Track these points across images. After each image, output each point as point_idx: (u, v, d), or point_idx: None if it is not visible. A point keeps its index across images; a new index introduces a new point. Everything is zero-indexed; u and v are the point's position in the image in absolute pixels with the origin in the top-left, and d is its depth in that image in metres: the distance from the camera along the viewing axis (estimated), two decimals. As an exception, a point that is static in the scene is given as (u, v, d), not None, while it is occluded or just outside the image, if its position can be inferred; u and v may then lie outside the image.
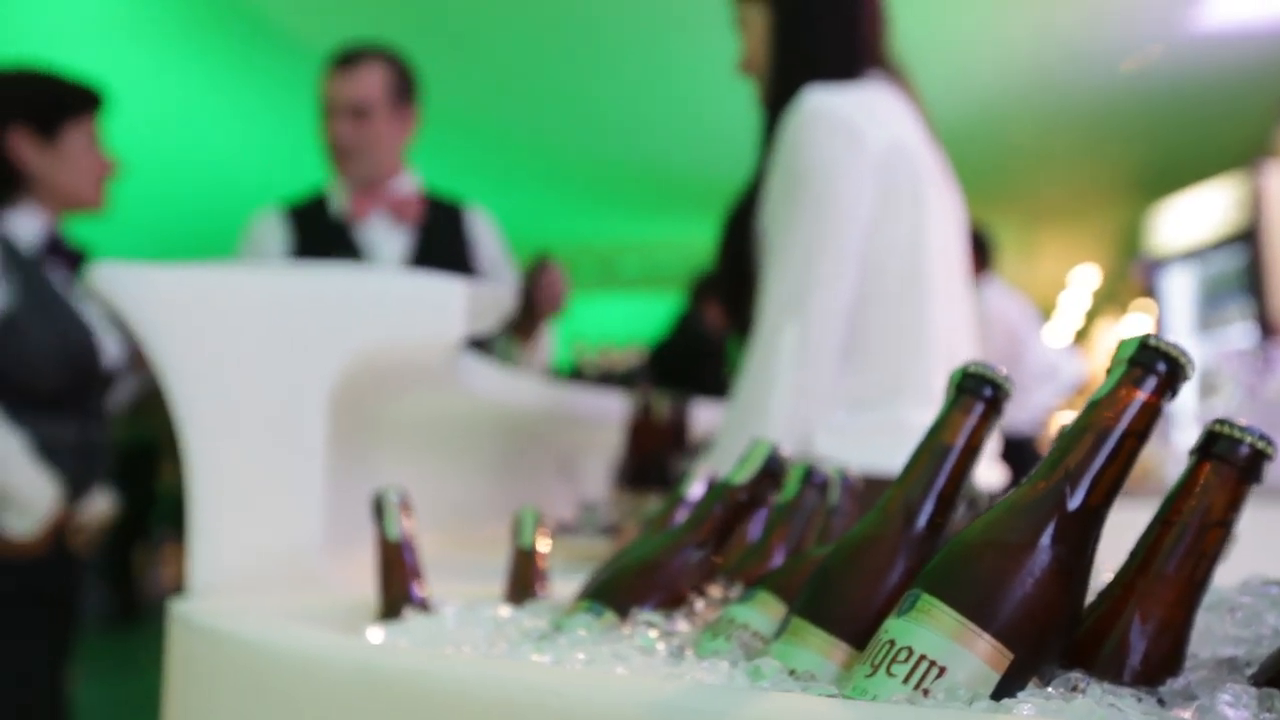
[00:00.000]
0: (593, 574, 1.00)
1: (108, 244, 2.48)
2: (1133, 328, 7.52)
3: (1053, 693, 0.60)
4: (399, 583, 1.02)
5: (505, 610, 0.95)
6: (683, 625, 0.84)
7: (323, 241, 2.52)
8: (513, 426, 2.10)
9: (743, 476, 0.94)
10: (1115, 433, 0.65)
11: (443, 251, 2.56)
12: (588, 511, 2.15)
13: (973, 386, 0.74)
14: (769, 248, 1.72)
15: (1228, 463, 0.65)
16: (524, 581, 1.05)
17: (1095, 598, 0.67)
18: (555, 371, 3.60)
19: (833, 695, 0.63)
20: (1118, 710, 0.58)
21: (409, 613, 0.97)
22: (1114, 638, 0.64)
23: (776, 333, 1.65)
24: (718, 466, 1.30)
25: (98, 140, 2.37)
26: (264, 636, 0.85)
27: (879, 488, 0.91)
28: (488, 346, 2.44)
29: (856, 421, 1.69)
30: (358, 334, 1.30)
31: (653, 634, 0.80)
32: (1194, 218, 6.73)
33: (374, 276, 1.47)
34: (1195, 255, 6.73)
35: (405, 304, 1.33)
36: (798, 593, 0.75)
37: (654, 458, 2.08)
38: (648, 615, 0.83)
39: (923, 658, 0.61)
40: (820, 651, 0.69)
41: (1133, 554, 0.67)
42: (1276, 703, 0.58)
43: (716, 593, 0.89)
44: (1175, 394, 0.66)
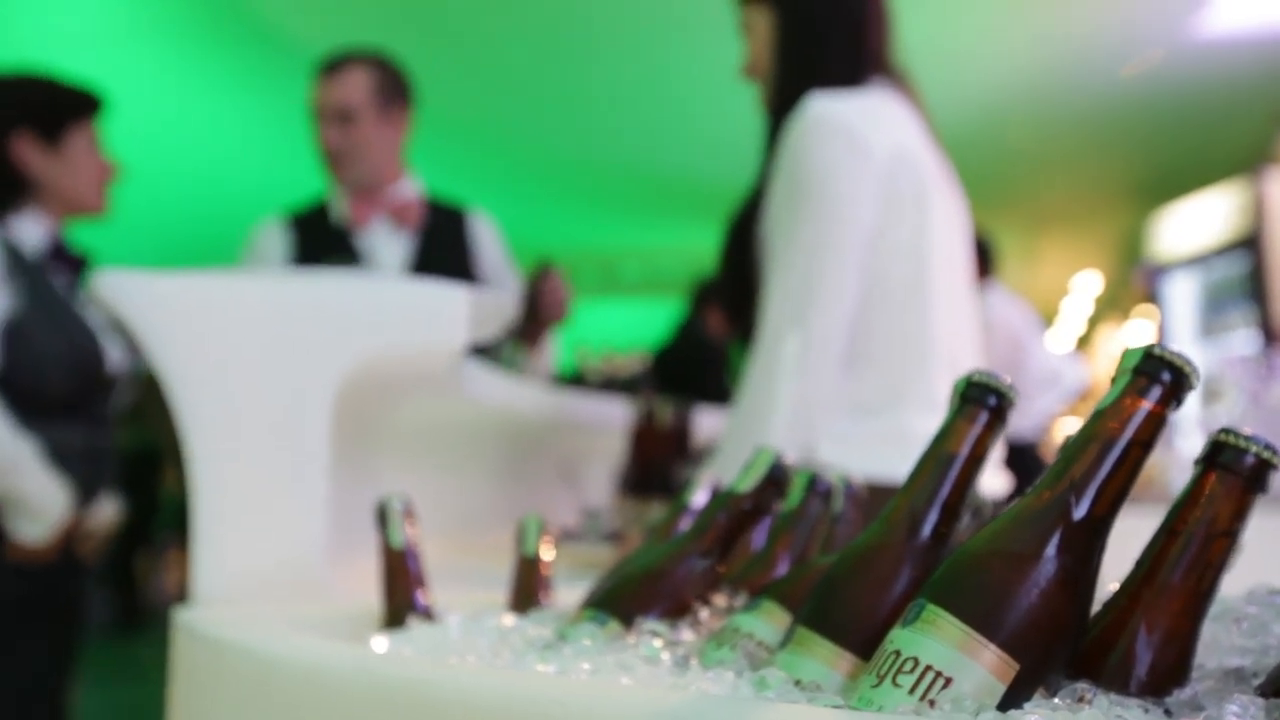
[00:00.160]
0: (597, 582, 1.00)
1: (108, 249, 2.48)
2: (1135, 334, 7.52)
3: (1059, 703, 0.60)
4: (403, 591, 1.02)
5: (509, 619, 0.95)
6: (687, 634, 0.83)
7: (324, 248, 2.52)
8: (515, 433, 2.10)
9: (747, 485, 0.93)
10: (1120, 442, 0.65)
11: (444, 257, 2.56)
12: (591, 518, 2.15)
13: (977, 395, 0.73)
14: (771, 255, 1.72)
15: (1233, 473, 0.65)
16: (528, 590, 1.05)
17: (1101, 608, 0.67)
18: (558, 377, 3.60)
19: (838, 706, 0.63)
20: (1124, 721, 0.57)
21: (413, 621, 0.97)
22: (1120, 648, 0.64)
23: (779, 340, 1.65)
24: (721, 474, 1.30)
25: (99, 144, 2.38)
26: (267, 645, 0.85)
27: (883, 495, 0.91)
28: (493, 354, 2.44)
29: (859, 428, 1.68)
30: (361, 341, 1.30)
31: (657, 643, 0.80)
32: (1196, 224, 6.73)
33: (377, 284, 1.47)
34: (1198, 261, 6.73)
35: (408, 311, 1.33)
36: (802, 602, 0.75)
37: (657, 464, 2.07)
38: (652, 624, 0.83)
39: (928, 668, 0.61)
40: (826, 661, 0.69)
41: (1138, 564, 0.67)
42: (1283, 714, 0.58)
43: (721, 602, 0.89)
44: (1180, 404, 0.66)
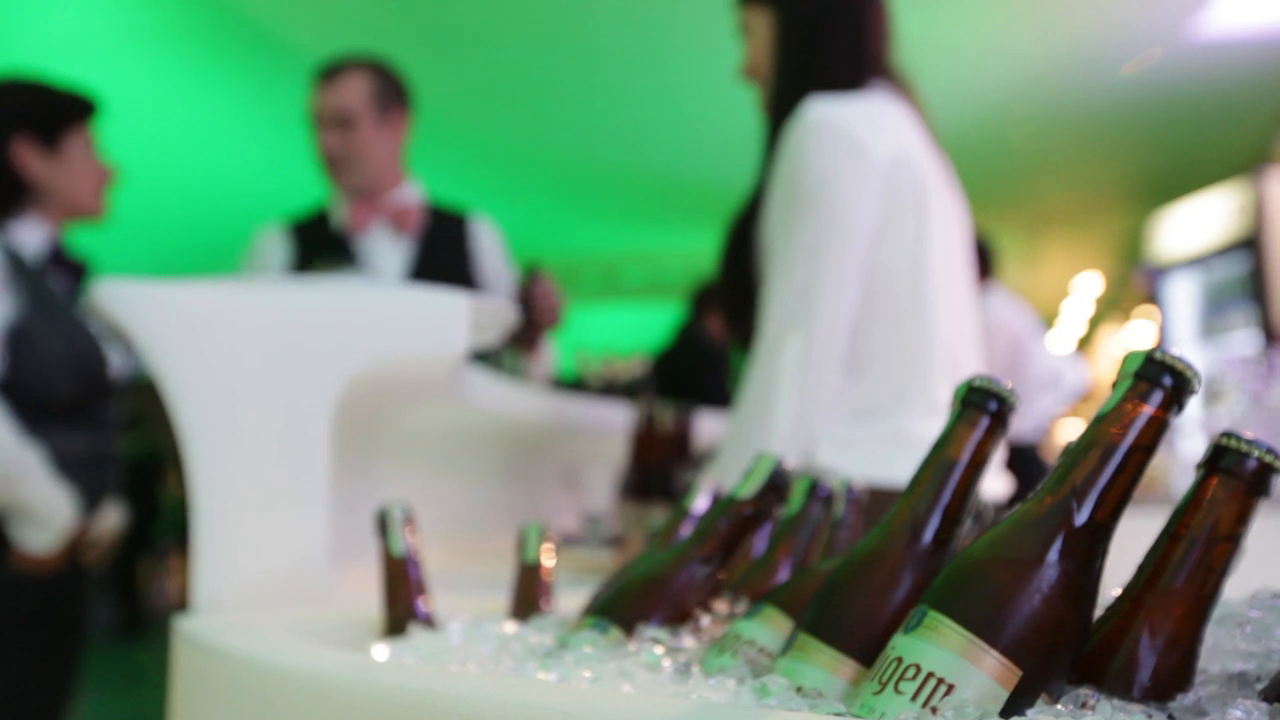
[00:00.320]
0: (598, 589, 1.00)
1: (108, 256, 2.48)
2: (1136, 335, 7.51)
3: (1062, 710, 0.59)
4: (404, 598, 1.02)
5: (510, 626, 0.95)
6: (689, 641, 0.83)
7: (324, 254, 2.52)
8: (516, 438, 2.10)
9: (748, 490, 0.93)
10: (1121, 447, 0.64)
11: (444, 262, 2.56)
12: (592, 523, 2.15)
13: (978, 400, 0.73)
14: (771, 259, 1.71)
15: (1235, 477, 0.64)
16: (529, 597, 1.05)
17: (1103, 613, 0.67)
18: (560, 382, 3.60)
19: (840, 713, 0.63)
20: (1128, 727, 0.57)
21: (414, 629, 0.97)
22: (1123, 653, 0.64)
23: (779, 345, 1.64)
24: (721, 479, 1.30)
25: (96, 147, 2.37)
26: (268, 654, 0.84)
27: (884, 500, 0.90)
28: (492, 360, 2.44)
29: (860, 432, 1.68)
30: (361, 349, 1.30)
31: (659, 650, 0.79)
32: (1197, 225, 6.72)
33: (378, 291, 1.46)
34: (1198, 262, 6.72)
35: (409, 318, 1.33)
36: (804, 608, 0.75)
37: (658, 469, 2.07)
38: (654, 631, 0.83)
39: (930, 675, 0.60)
40: (827, 668, 0.69)
41: (1141, 568, 0.67)
42: (1288, 718, 0.58)
43: (722, 608, 0.88)
44: (1182, 409, 0.65)
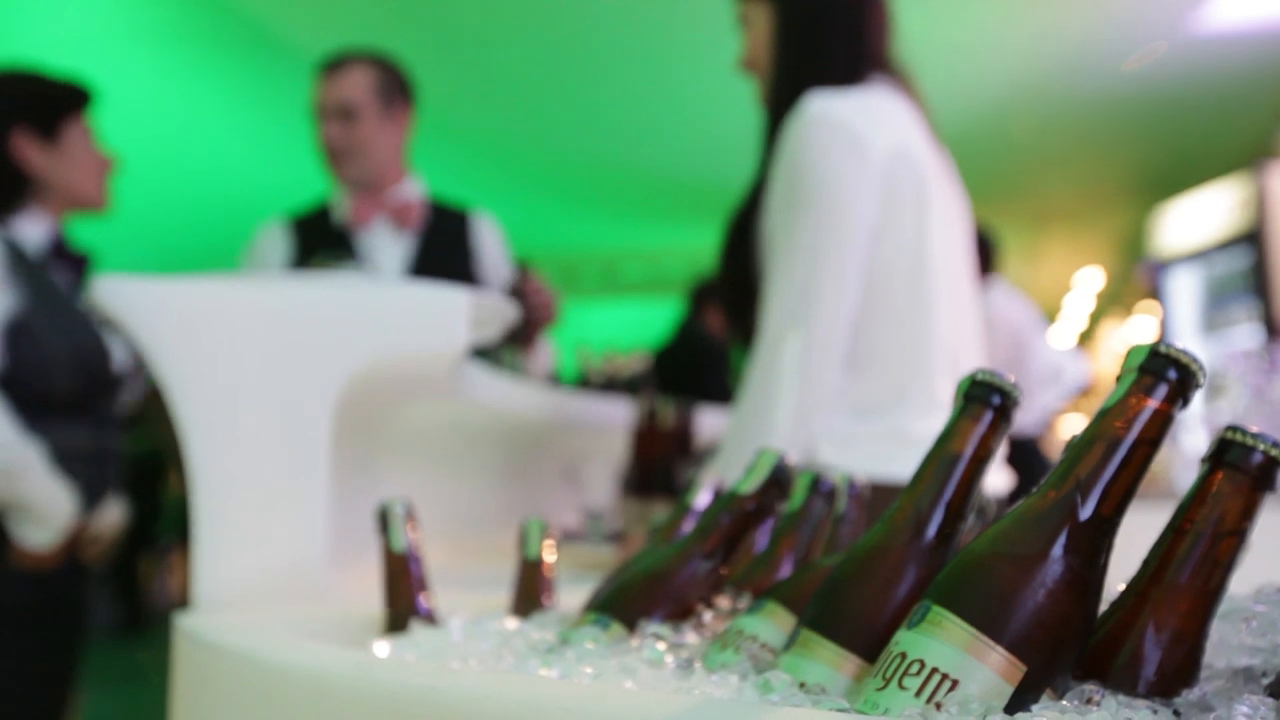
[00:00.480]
0: (599, 584, 0.99)
1: (109, 253, 2.47)
2: (1137, 330, 7.51)
3: (1067, 705, 0.59)
4: (405, 595, 1.01)
5: (512, 622, 0.95)
6: (691, 637, 0.83)
7: (325, 249, 2.52)
8: (517, 435, 2.09)
9: (750, 486, 0.93)
10: (1126, 442, 0.64)
11: (444, 258, 2.55)
12: (593, 519, 2.14)
13: (981, 394, 0.73)
14: (772, 255, 1.71)
15: (1241, 471, 0.64)
16: (530, 593, 1.05)
17: (1108, 608, 0.66)
18: (562, 380, 3.59)
19: (844, 709, 0.62)
20: (1133, 723, 0.57)
21: (415, 625, 0.97)
22: (1128, 649, 0.63)
23: (780, 342, 1.64)
24: (722, 476, 1.29)
25: (94, 137, 2.36)
26: (269, 651, 0.84)
27: (884, 494, 0.90)
28: (491, 358, 2.44)
29: (860, 430, 1.68)
30: (362, 345, 1.29)
31: (661, 646, 0.79)
32: (1198, 219, 6.71)
33: (378, 287, 1.46)
34: (1200, 256, 6.71)
35: (409, 315, 1.33)
36: (806, 603, 0.74)
37: (659, 465, 2.07)
38: (655, 627, 0.83)
39: (935, 670, 0.60)
40: (830, 664, 0.68)
41: (1145, 563, 0.66)
42: (1294, 714, 0.58)
43: (724, 604, 0.88)
44: (1188, 402, 0.65)
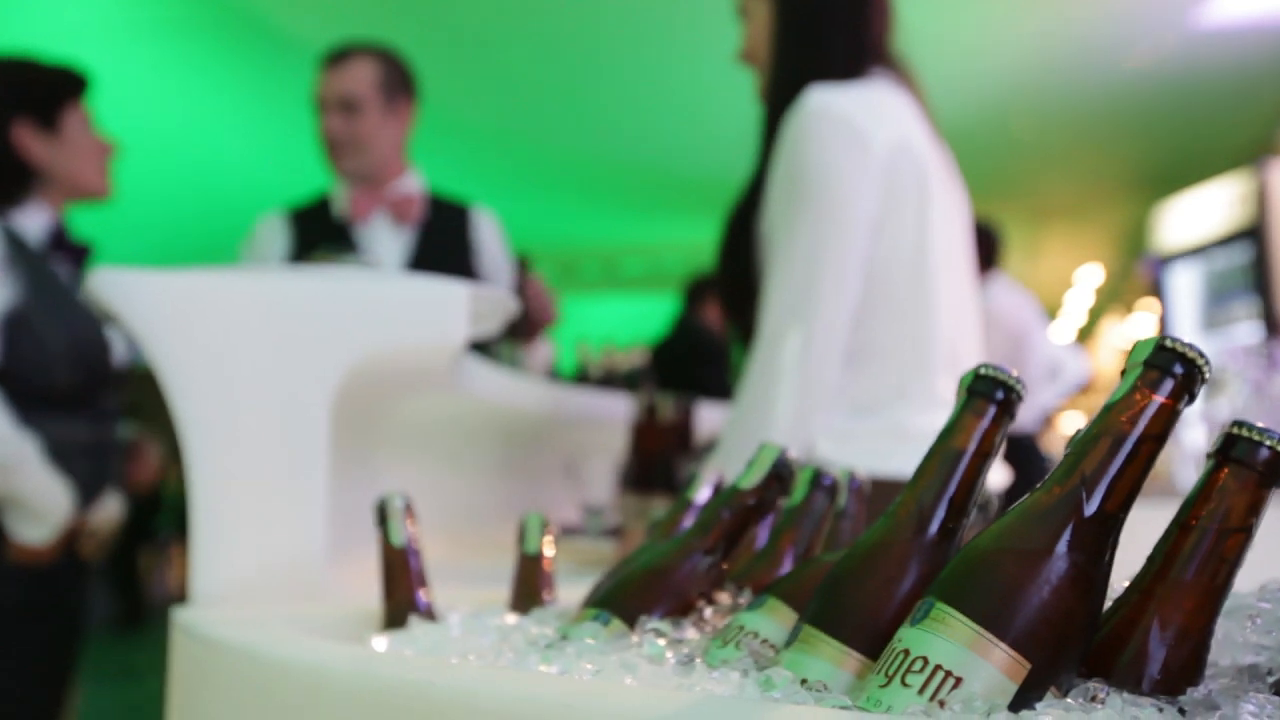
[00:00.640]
0: (599, 580, 0.99)
1: (108, 246, 2.46)
2: (1138, 326, 7.50)
3: (1072, 703, 0.59)
4: (403, 590, 1.01)
5: (511, 618, 0.94)
6: (691, 633, 0.82)
7: (324, 242, 2.51)
8: (516, 429, 2.09)
9: (750, 481, 0.92)
10: (1131, 437, 0.63)
11: (443, 252, 2.55)
12: (592, 514, 2.14)
13: (984, 389, 0.72)
14: (772, 250, 1.70)
15: (1247, 466, 0.63)
16: (530, 588, 1.04)
17: (1113, 605, 0.66)
18: (562, 376, 3.59)
19: (846, 706, 0.62)
20: (1138, 721, 0.56)
21: (414, 620, 0.96)
22: (1133, 646, 0.63)
23: (780, 338, 1.63)
24: (722, 471, 1.29)
25: (92, 123, 2.34)
26: (267, 646, 0.84)
27: (884, 490, 0.89)
28: (490, 354, 2.43)
29: (859, 426, 1.67)
30: (360, 338, 1.28)
31: (661, 642, 0.78)
32: (1199, 215, 6.71)
33: (377, 280, 1.45)
34: (1200, 252, 6.71)
35: (408, 308, 1.32)
36: (807, 599, 0.74)
37: (659, 459, 2.06)
38: (656, 623, 0.82)
39: (938, 668, 0.60)
40: (832, 661, 0.68)
41: (1150, 559, 0.66)
42: (1300, 712, 0.57)
43: (725, 599, 0.87)
44: (1193, 397, 0.64)
